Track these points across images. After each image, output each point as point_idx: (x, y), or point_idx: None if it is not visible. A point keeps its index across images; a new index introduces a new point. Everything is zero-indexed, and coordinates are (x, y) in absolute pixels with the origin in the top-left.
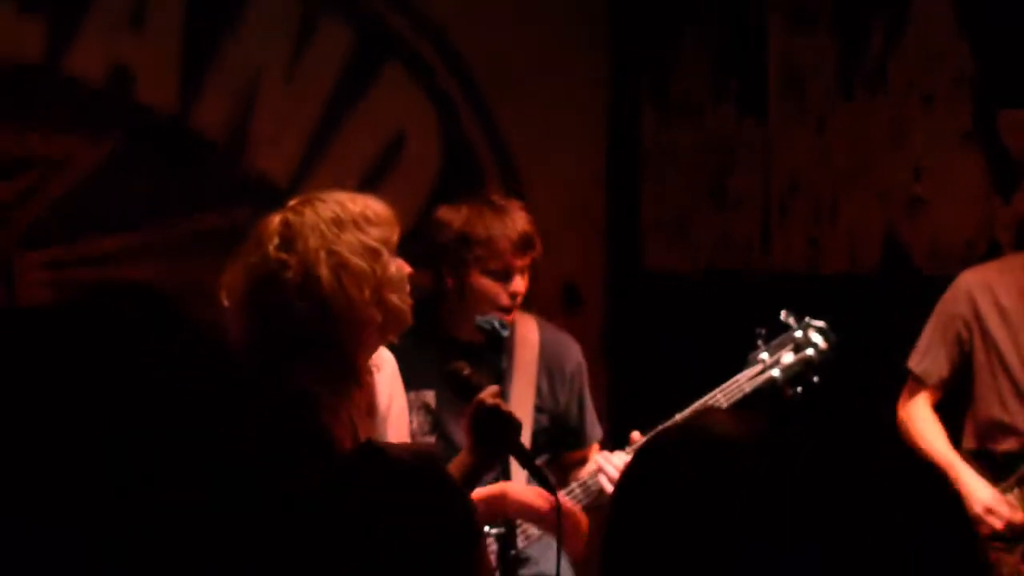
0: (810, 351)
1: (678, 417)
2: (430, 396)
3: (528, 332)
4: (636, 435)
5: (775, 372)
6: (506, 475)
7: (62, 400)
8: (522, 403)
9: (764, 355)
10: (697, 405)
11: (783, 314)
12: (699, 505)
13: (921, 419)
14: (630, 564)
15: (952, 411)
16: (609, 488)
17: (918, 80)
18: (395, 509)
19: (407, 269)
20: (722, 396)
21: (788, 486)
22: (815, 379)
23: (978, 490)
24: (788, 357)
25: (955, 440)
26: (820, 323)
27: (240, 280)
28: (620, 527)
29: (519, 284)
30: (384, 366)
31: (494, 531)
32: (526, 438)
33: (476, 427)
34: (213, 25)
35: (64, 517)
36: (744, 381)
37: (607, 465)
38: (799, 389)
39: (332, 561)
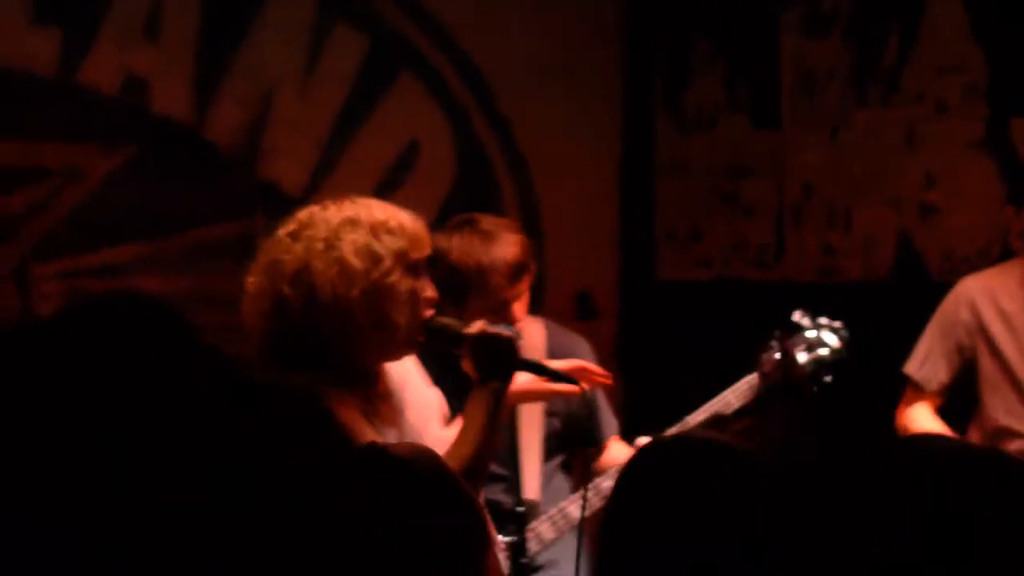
0: (823, 351)
1: (688, 419)
2: None
3: (535, 336)
4: (642, 441)
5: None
6: (516, 483)
7: (64, 403)
8: (532, 409)
9: (776, 355)
10: (708, 406)
11: (796, 314)
12: (684, 502)
13: (923, 422)
14: (624, 552)
15: (950, 417)
16: None
17: (931, 88)
18: (395, 512)
19: (427, 292)
20: (733, 397)
21: (760, 490)
22: (828, 378)
23: None
24: (801, 357)
25: None
26: (834, 323)
27: (255, 269)
28: (615, 519)
29: (518, 311)
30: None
31: (506, 539)
32: (537, 443)
33: (478, 361)
34: (227, 35)
35: (64, 517)
36: (755, 381)
37: None
38: (814, 389)
39: (325, 567)
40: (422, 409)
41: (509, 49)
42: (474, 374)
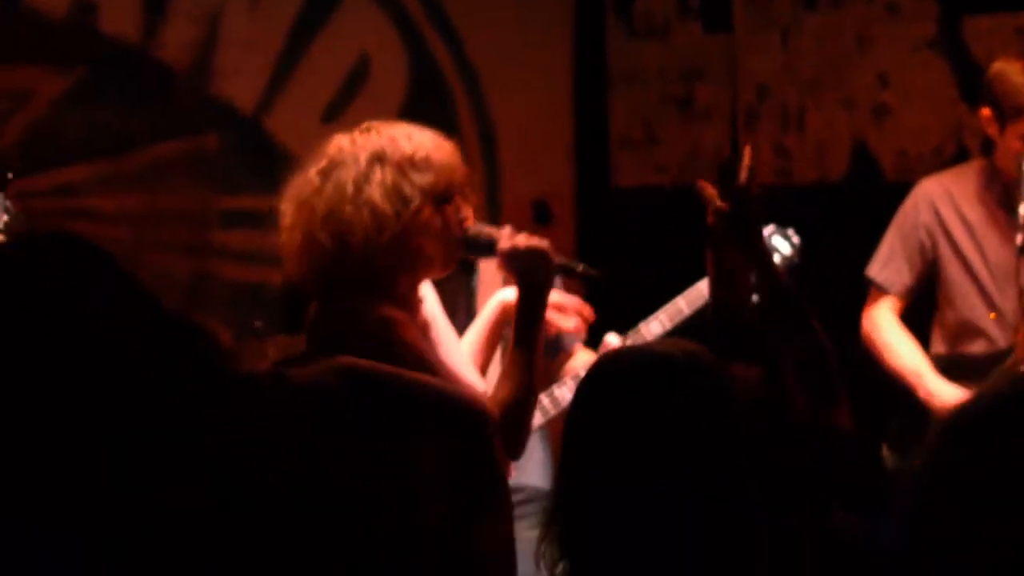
0: (775, 257)
1: (640, 326)
2: None
3: None
4: (611, 336)
5: None
6: None
7: None
8: None
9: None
10: (659, 312)
11: None
12: (641, 411)
13: (886, 329)
14: (585, 458)
15: (916, 317)
16: None
17: None
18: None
19: (460, 213)
20: (684, 303)
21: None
22: None
23: (945, 392)
24: None
25: (923, 346)
26: (785, 229)
27: (286, 198)
28: (577, 425)
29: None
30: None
31: None
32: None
33: (514, 272)
34: None
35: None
36: (705, 287)
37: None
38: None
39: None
40: (453, 352)
41: None
42: (517, 279)
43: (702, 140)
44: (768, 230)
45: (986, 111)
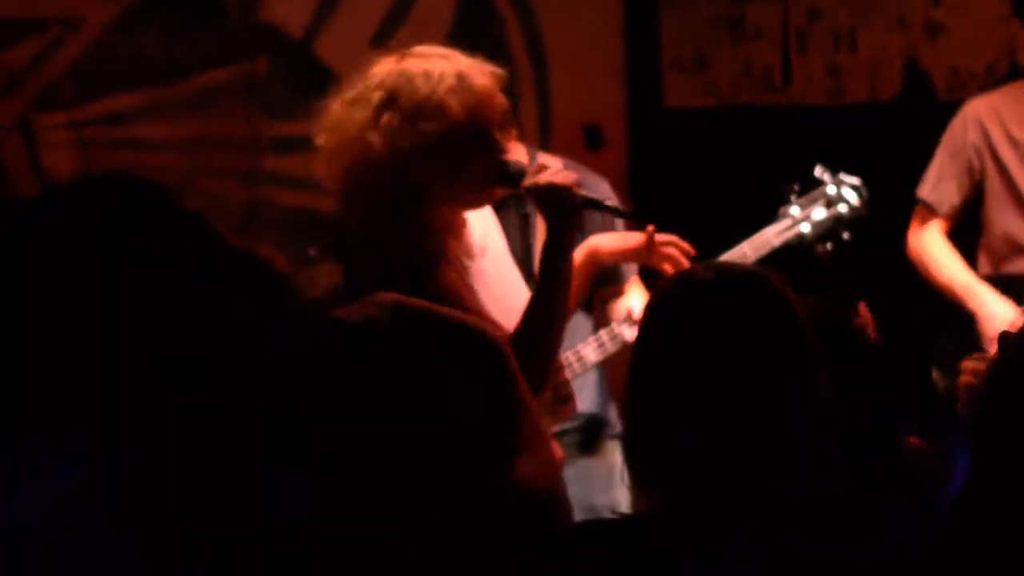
0: (842, 207)
1: None
2: None
3: None
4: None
5: (804, 227)
6: None
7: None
8: None
9: (795, 210)
10: (724, 258)
11: (817, 170)
12: (714, 330)
13: (935, 247)
14: (656, 378)
15: (962, 240)
16: None
17: None
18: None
19: (496, 147)
20: (749, 249)
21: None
22: (845, 236)
23: (998, 308)
24: (819, 213)
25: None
26: (854, 180)
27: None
28: (647, 344)
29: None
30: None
31: None
32: None
33: (541, 208)
34: None
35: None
36: (772, 235)
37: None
38: (829, 245)
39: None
40: (497, 287)
41: None
42: (543, 212)
43: (753, 61)
44: (840, 179)
45: None
